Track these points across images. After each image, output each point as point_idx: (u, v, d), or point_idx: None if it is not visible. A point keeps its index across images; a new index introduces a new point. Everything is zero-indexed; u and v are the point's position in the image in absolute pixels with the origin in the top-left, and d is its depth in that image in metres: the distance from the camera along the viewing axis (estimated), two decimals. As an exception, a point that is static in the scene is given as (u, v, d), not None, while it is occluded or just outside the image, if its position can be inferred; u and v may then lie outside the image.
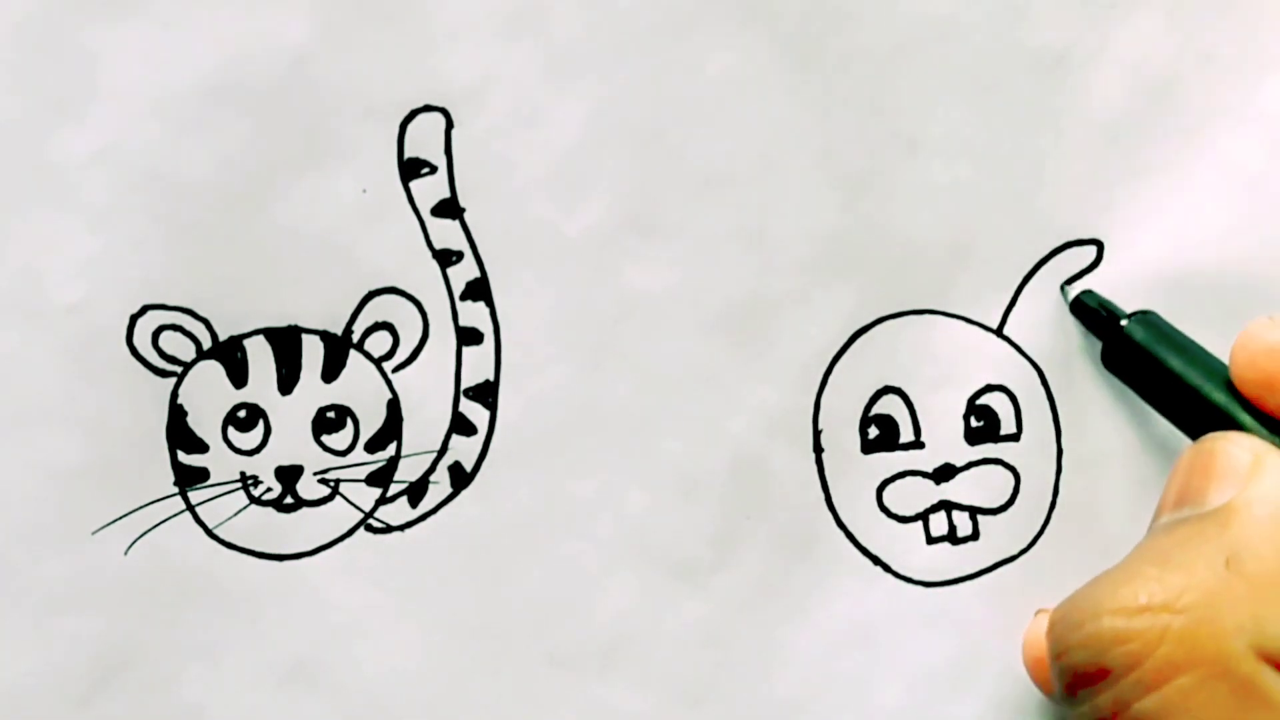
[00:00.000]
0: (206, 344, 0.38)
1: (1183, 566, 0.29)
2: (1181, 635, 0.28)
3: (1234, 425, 0.34)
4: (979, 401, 0.39)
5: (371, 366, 0.38)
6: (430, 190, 0.38)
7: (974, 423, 0.39)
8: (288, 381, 0.38)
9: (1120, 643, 0.29)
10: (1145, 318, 0.38)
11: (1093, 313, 0.39)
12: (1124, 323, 0.38)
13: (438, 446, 0.39)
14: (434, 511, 0.39)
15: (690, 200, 0.38)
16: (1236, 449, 0.31)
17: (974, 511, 0.39)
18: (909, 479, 0.39)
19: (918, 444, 0.39)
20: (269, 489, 0.38)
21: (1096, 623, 0.29)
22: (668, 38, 0.38)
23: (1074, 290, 0.39)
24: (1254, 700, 0.28)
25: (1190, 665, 0.28)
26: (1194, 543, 0.30)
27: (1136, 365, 0.37)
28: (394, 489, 0.39)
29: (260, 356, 0.38)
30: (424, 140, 0.38)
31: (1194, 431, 0.35)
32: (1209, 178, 0.39)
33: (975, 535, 0.39)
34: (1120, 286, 0.39)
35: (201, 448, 0.38)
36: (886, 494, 0.39)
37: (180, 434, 0.38)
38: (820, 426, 0.39)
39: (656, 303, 0.39)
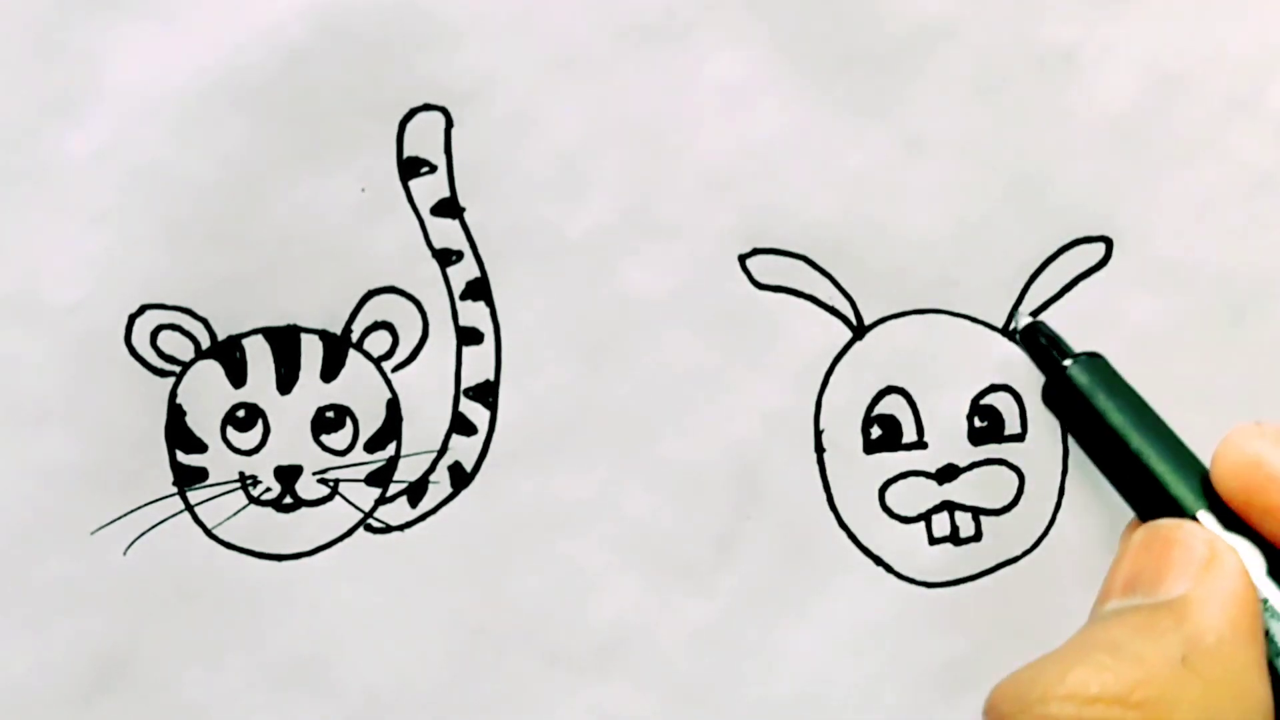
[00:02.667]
0: (205, 343, 0.38)
1: (1137, 659, 0.28)
2: None
3: (1173, 502, 0.32)
4: (983, 401, 0.39)
5: (371, 366, 0.38)
6: (430, 189, 0.38)
7: (978, 423, 0.39)
8: (287, 381, 0.38)
9: None
10: (1091, 362, 0.35)
11: (1039, 347, 0.37)
12: (1067, 364, 0.35)
13: (438, 446, 0.38)
14: (434, 511, 0.38)
15: (690, 200, 0.38)
16: (1193, 540, 0.30)
17: (977, 512, 0.39)
18: (912, 479, 0.39)
19: (920, 444, 0.39)
20: (268, 489, 0.38)
21: (1044, 708, 0.28)
22: (668, 38, 0.38)
23: (1024, 319, 0.38)
24: None
25: None
26: (1149, 634, 0.29)
27: (1076, 410, 0.35)
28: (394, 489, 0.38)
29: (259, 356, 0.38)
30: (424, 139, 0.38)
31: (1125, 490, 0.34)
32: (1219, 176, 0.39)
33: (978, 536, 0.39)
34: (1129, 284, 0.39)
35: (200, 447, 0.38)
36: (889, 494, 0.39)
37: (179, 434, 0.38)
38: (822, 426, 0.39)
39: (657, 302, 0.38)
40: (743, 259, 0.38)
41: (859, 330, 0.39)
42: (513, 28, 0.38)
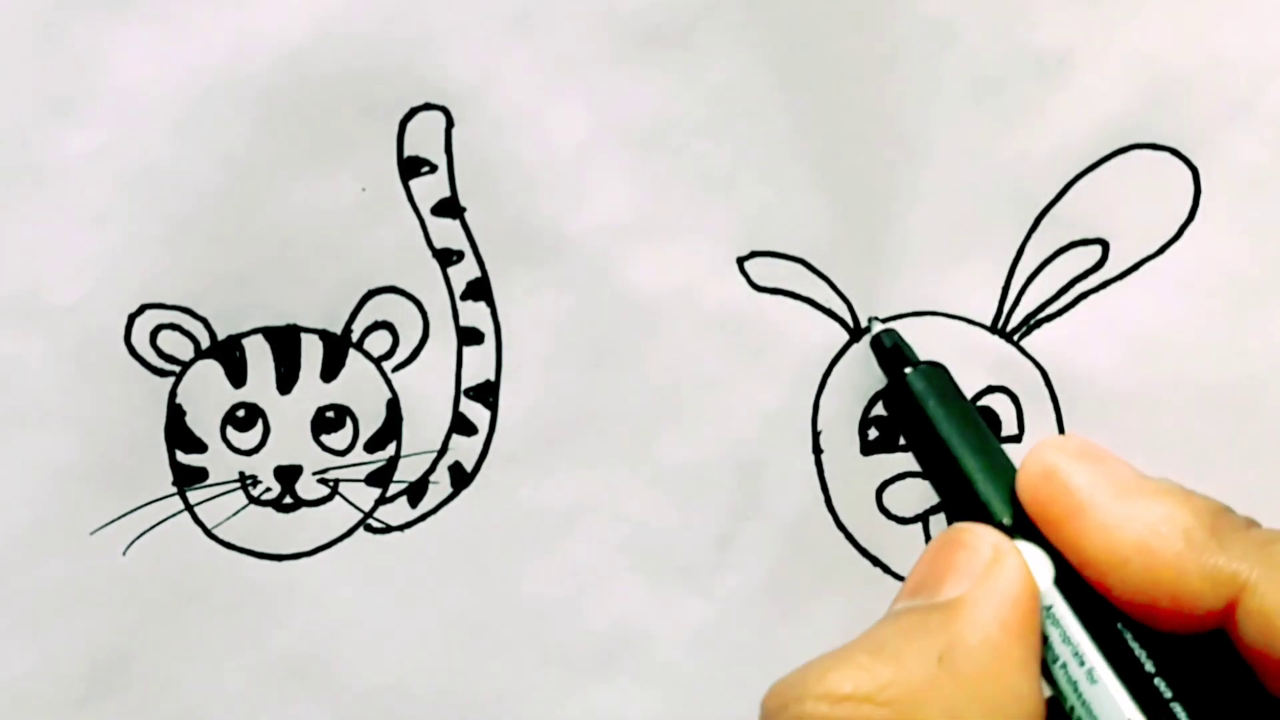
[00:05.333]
0: (205, 343, 0.38)
1: (894, 658, 0.28)
2: None
3: (982, 508, 0.32)
4: (981, 402, 0.39)
5: (371, 366, 0.38)
6: (430, 189, 0.38)
7: (975, 424, 0.39)
8: (287, 381, 0.38)
9: None
10: (931, 371, 0.36)
11: (885, 351, 0.37)
12: (908, 370, 0.36)
13: (438, 446, 0.38)
14: (434, 511, 0.39)
15: (690, 201, 0.38)
16: (978, 542, 0.30)
17: (974, 513, 0.39)
18: (909, 480, 0.39)
19: (918, 445, 0.39)
20: (268, 489, 0.38)
21: (800, 706, 0.28)
22: (669, 38, 0.38)
23: (877, 327, 0.38)
24: None
25: None
26: (913, 634, 0.28)
27: (909, 417, 0.35)
28: (394, 489, 0.38)
29: (259, 356, 0.38)
30: (424, 138, 0.38)
31: (944, 496, 0.34)
32: (1215, 178, 0.39)
33: (975, 537, 0.39)
34: (1125, 286, 0.39)
35: (200, 447, 0.38)
36: (886, 495, 0.39)
37: (179, 433, 0.38)
38: (820, 428, 0.39)
39: (657, 303, 0.38)
40: (741, 261, 0.39)
41: (856, 332, 0.39)
42: (514, 27, 0.38)
